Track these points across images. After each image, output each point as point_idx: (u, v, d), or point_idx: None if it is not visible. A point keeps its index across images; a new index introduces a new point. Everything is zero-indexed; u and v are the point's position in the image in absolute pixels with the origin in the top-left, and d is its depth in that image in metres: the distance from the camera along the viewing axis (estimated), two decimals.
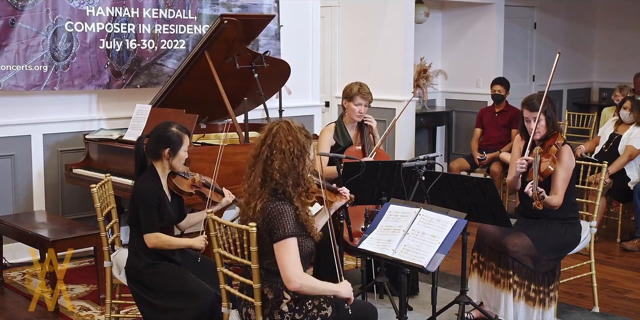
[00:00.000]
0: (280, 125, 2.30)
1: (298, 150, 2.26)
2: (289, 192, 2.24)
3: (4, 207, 4.05)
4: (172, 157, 2.74)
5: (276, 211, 2.21)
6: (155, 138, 2.75)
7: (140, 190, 2.70)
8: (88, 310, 3.34)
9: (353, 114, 3.65)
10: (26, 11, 3.86)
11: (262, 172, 2.26)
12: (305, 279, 2.19)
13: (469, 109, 6.58)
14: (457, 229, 2.37)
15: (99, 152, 4.03)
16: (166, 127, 2.76)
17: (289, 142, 2.25)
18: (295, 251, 2.20)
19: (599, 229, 4.04)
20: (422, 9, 6.32)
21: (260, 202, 2.25)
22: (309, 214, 2.28)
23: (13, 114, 4.08)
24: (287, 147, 2.24)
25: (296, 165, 2.25)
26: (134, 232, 2.76)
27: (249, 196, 2.30)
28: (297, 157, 2.25)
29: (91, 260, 3.81)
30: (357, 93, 3.61)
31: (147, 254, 2.69)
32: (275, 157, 2.24)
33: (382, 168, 3.10)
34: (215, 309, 2.55)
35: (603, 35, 8.20)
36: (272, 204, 2.23)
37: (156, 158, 2.75)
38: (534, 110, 3.09)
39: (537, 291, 2.98)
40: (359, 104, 3.62)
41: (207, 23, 4.47)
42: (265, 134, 2.30)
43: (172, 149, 2.73)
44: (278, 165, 2.23)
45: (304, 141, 2.28)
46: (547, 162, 3.00)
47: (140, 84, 4.34)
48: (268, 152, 2.26)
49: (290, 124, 2.31)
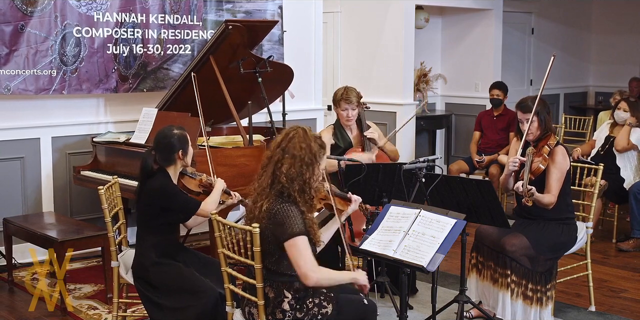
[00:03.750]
0: (297, 131, 2.33)
1: (309, 158, 2.29)
2: (294, 196, 2.26)
3: (13, 209, 4.08)
4: (185, 156, 2.83)
5: (283, 212, 2.24)
6: (164, 147, 2.80)
7: (158, 185, 2.75)
8: (96, 309, 3.38)
9: (342, 119, 3.65)
10: (35, 17, 3.90)
11: (272, 173, 2.30)
12: (320, 272, 2.22)
13: (468, 112, 6.60)
14: (457, 230, 2.39)
15: (107, 155, 4.06)
16: (168, 133, 2.81)
17: (301, 149, 2.28)
18: (307, 248, 2.22)
19: (595, 230, 4.05)
20: (422, 14, 6.35)
21: (267, 202, 2.28)
22: (313, 220, 2.31)
23: (22, 118, 4.11)
24: (299, 153, 2.28)
25: (303, 172, 2.27)
26: (143, 231, 2.80)
27: (257, 195, 2.33)
28: (306, 165, 2.28)
29: (99, 260, 3.85)
30: (341, 98, 3.58)
31: (155, 252, 2.74)
32: (286, 160, 2.27)
33: (383, 170, 3.12)
34: (219, 308, 2.57)
35: (599, 41, 8.26)
36: (278, 204, 2.26)
37: (169, 164, 2.81)
38: (527, 112, 3.12)
39: (534, 290, 3.00)
40: (345, 109, 3.59)
41: (212, 28, 4.50)
42: (282, 138, 2.33)
43: (183, 149, 2.82)
44: (286, 169, 2.26)
45: (316, 150, 2.31)
46: (539, 161, 3.03)
47: (146, 88, 4.38)
48: (280, 155, 2.29)
49: (307, 131, 2.34)
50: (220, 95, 3.76)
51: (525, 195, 2.94)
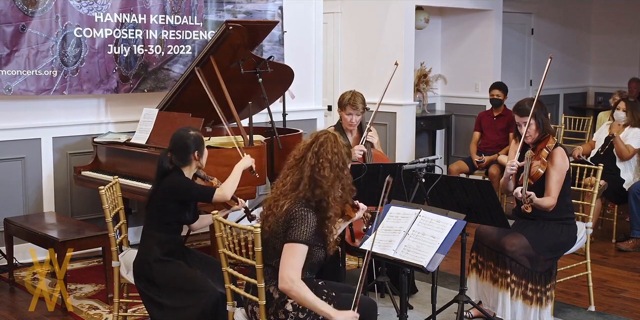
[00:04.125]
0: (327, 136, 2.35)
1: (342, 164, 2.32)
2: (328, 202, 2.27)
3: (14, 209, 4.09)
4: (200, 157, 2.88)
5: (299, 216, 2.24)
6: (180, 148, 2.85)
7: (175, 180, 2.80)
8: (96, 309, 3.39)
9: (345, 123, 3.67)
10: (36, 17, 3.91)
11: (309, 177, 2.29)
12: (297, 285, 2.19)
13: (468, 112, 6.61)
14: (457, 230, 2.40)
15: (107, 155, 4.06)
16: (184, 135, 2.86)
17: (335, 154, 2.30)
18: (301, 257, 2.23)
19: (594, 230, 4.06)
20: (422, 15, 6.36)
21: (288, 203, 2.28)
22: (335, 226, 2.32)
23: (23, 118, 4.13)
24: (333, 159, 2.30)
25: (341, 177, 2.30)
26: (150, 228, 2.82)
27: (279, 194, 2.33)
28: (341, 170, 2.31)
29: (99, 260, 3.86)
30: (347, 103, 3.61)
31: (160, 249, 2.76)
32: (324, 165, 2.28)
33: (383, 170, 3.12)
34: (220, 308, 2.59)
35: (598, 41, 8.27)
36: (297, 207, 2.27)
37: (184, 164, 2.86)
38: (524, 115, 3.13)
39: (534, 290, 3.01)
40: (350, 113, 3.62)
41: (212, 29, 4.52)
42: (312, 141, 2.34)
43: (198, 150, 2.87)
44: (327, 173, 2.27)
45: (345, 158, 2.34)
46: (538, 165, 3.03)
47: (147, 89, 4.39)
48: (315, 159, 2.30)
49: (337, 137, 2.36)
50: (221, 95, 3.77)
51: (525, 202, 2.94)
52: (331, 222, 2.30)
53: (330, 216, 2.29)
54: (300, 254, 2.23)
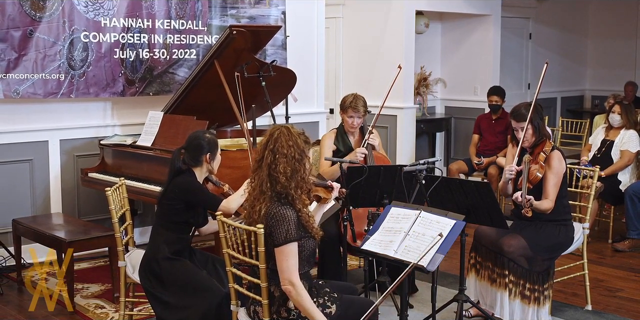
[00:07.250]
0: (280, 130, 2.34)
1: (298, 155, 2.31)
2: (292, 194, 2.29)
3: (22, 210, 4.12)
4: (212, 160, 2.91)
5: (279, 216, 2.25)
6: (194, 147, 2.88)
7: (185, 181, 2.83)
8: (103, 308, 3.42)
9: (346, 126, 3.69)
10: (44, 22, 3.95)
11: (268, 176, 2.30)
12: (297, 290, 2.22)
13: (467, 115, 6.66)
14: (456, 231, 2.40)
15: (114, 157, 4.10)
16: (200, 135, 2.90)
17: (290, 147, 2.30)
18: (294, 256, 2.25)
19: (591, 231, 4.11)
20: (422, 20, 6.40)
21: (264, 206, 2.29)
22: (309, 214, 2.34)
23: (31, 121, 4.16)
24: (289, 152, 2.30)
25: (298, 168, 2.30)
26: (160, 227, 2.85)
27: (253, 200, 2.34)
28: (298, 161, 2.31)
29: (106, 260, 3.89)
30: (349, 106, 3.62)
31: (168, 248, 2.79)
32: (279, 161, 2.29)
33: (384, 172, 3.16)
34: (224, 307, 2.61)
35: (595, 45, 8.33)
36: (274, 208, 2.27)
37: (195, 164, 2.89)
38: (521, 121, 3.14)
39: (532, 290, 3.04)
40: (351, 116, 3.63)
41: (216, 33, 4.55)
42: (267, 139, 2.34)
43: (211, 153, 2.90)
44: (283, 168, 2.28)
45: (303, 146, 2.34)
46: (536, 169, 3.06)
47: (152, 92, 4.42)
48: (271, 156, 2.31)
49: (290, 129, 2.36)
50: (225, 98, 3.79)
51: (525, 207, 2.96)
52: (303, 213, 2.31)
53: (300, 208, 2.30)
54: (293, 254, 2.24)
